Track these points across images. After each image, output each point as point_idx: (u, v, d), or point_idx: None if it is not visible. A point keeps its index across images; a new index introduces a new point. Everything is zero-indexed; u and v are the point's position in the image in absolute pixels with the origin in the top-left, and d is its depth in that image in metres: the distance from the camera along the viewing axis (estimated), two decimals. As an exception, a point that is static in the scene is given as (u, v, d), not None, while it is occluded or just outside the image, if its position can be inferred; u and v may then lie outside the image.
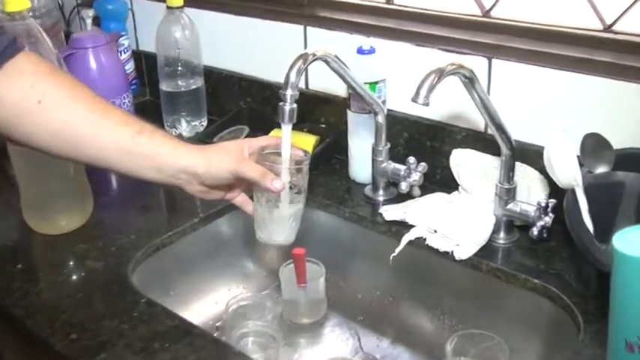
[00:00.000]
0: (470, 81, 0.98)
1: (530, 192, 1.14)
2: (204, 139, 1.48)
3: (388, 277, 1.22)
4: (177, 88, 1.53)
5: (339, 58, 1.09)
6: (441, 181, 1.28)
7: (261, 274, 1.35)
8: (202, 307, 1.27)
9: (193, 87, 1.54)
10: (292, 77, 1.02)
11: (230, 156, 1.01)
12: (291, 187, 1.03)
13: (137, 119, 1.00)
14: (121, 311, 1.01)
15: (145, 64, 1.74)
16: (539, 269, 1.06)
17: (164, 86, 1.54)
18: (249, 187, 1.06)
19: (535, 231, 1.07)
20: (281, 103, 1.01)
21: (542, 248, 1.10)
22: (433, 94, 0.95)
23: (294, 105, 1.02)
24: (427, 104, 0.93)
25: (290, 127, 1.03)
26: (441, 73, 0.95)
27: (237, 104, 1.59)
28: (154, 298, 1.17)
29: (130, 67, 1.71)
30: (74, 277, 1.11)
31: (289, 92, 1.01)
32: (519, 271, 1.06)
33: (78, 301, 1.04)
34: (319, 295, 1.22)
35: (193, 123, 1.56)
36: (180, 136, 1.56)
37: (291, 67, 1.02)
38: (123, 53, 1.68)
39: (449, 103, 1.22)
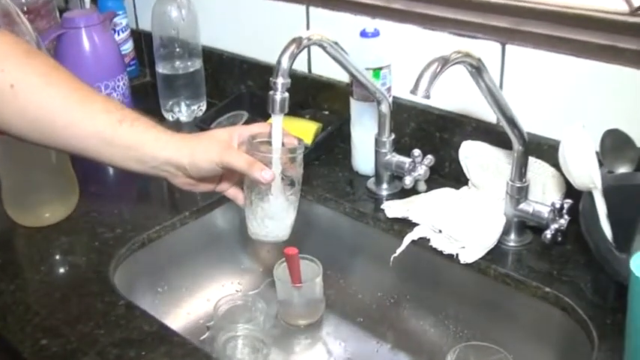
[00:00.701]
0: (477, 71, 0.89)
1: (545, 190, 1.05)
2: (201, 124, 1.40)
3: (390, 277, 1.14)
4: (175, 71, 1.45)
5: (337, 44, 1.00)
6: (450, 174, 1.20)
7: (257, 269, 1.27)
8: (193, 305, 1.20)
9: (191, 69, 1.46)
10: (284, 63, 0.93)
11: (216, 146, 0.94)
12: (283, 179, 0.95)
13: (119, 106, 0.94)
14: (98, 314, 0.95)
15: (145, 44, 1.66)
16: (552, 276, 0.97)
17: (160, 68, 1.46)
18: (242, 178, 0.99)
19: (548, 234, 0.98)
20: (271, 92, 0.93)
21: (557, 252, 1.01)
22: (437, 85, 0.86)
23: (286, 94, 0.93)
24: (428, 97, 0.84)
25: (281, 118, 0.95)
26: (444, 63, 0.85)
27: (239, 88, 1.51)
28: (141, 295, 1.12)
29: (128, 47, 1.63)
30: (53, 275, 1.04)
31: (280, 80, 0.93)
32: (530, 277, 0.97)
33: (54, 302, 0.97)
34: (316, 296, 1.14)
35: (192, 107, 1.48)
36: (177, 122, 1.48)
37: (283, 52, 0.93)
38: (121, 33, 1.60)
39: (459, 91, 1.12)
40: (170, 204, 1.18)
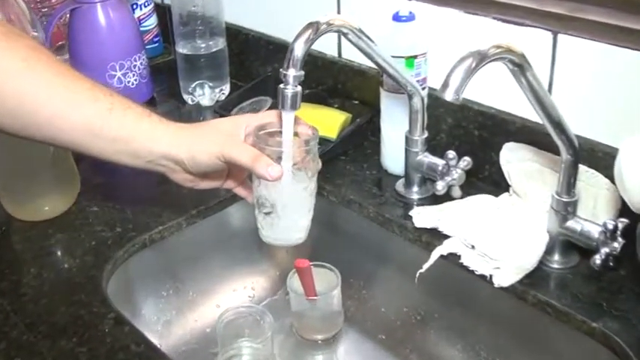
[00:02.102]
0: (520, 69, 0.75)
1: (597, 205, 0.91)
2: (220, 111, 1.28)
3: (417, 291, 1.02)
4: (196, 51, 1.34)
5: (362, 31, 0.87)
6: (489, 178, 1.06)
7: (273, 273, 1.16)
8: (200, 310, 1.10)
9: (214, 49, 1.34)
10: (297, 51, 0.80)
11: (218, 137, 0.84)
12: (294, 175, 0.84)
13: (108, 91, 0.83)
14: (84, 327, 0.85)
15: (170, 20, 1.54)
16: (601, 308, 0.83)
17: (180, 48, 1.35)
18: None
19: (598, 259, 0.84)
20: (281, 85, 0.81)
21: (607, 280, 0.87)
22: (475, 77, 0.72)
23: (298, 88, 0.81)
24: (458, 100, 0.71)
25: (293, 115, 0.83)
26: (480, 59, 0.72)
27: (265, 70, 1.39)
28: (143, 298, 1.04)
29: (151, 23, 1.53)
30: (41, 279, 0.94)
31: (292, 72, 0.80)
32: (574, 308, 0.84)
33: (38, 310, 0.88)
34: (333, 308, 1.03)
35: (215, 90, 1.37)
36: (198, 105, 1.37)
37: (297, 38, 0.81)
38: (143, 7, 1.50)
39: (503, 84, 0.97)
40: (177, 201, 1.07)
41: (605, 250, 0.84)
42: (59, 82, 0.80)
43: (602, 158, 0.92)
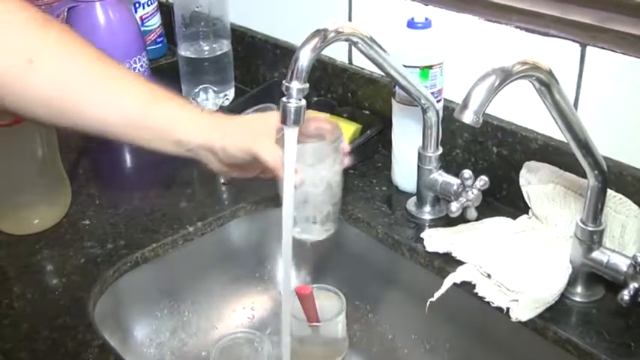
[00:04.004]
0: (546, 88, 0.68)
1: (624, 234, 0.84)
2: (223, 117, 1.22)
3: (427, 318, 0.94)
4: (199, 54, 1.27)
5: (373, 40, 0.80)
6: (508, 198, 0.99)
7: (274, 292, 1.09)
8: (197, 332, 1.03)
9: (219, 52, 1.28)
10: (303, 62, 0.73)
11: (249, 133, 0.85)
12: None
13: (148, 83, 0.85)
14: (65, 356, 0.79)
15: (174, 19, 1.48)
16: (629, 350, 0.76)
17: (183, 50, 1.28)
18: None
19: (626, 295, 0.77)
20: (284, 99, 0.74)
21: (636, 316, 0.80)
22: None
23: (303, 102, 0.74)
24: (478, 123, 0.64)
25: (296, 131, 0.76)
26: (504, 77, 0.65)
27: (271, 75, 1.32)
28: (135, 319, 0.98)
29: (154, 22, 1.46)
30: (24, 300, 0.88)
31: (295, 85, 0.73)
32: (600, 348, 0.77)
33: (18, 337, 0.82)
34: (337, 335, 0.96)
35: (219, 94, 1.30)
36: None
37: (302, 46, 0.74)
38: (146, 6, 1.43)
39: (524, 98, 0.90)
40: (174, 216, 1.01)
41: (634, 285, 0.76)
42: (99, 73, 0.81)
43: (631, 183, 0.85)
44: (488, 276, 0.85)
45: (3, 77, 0.77)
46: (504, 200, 0.99)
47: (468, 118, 0.64)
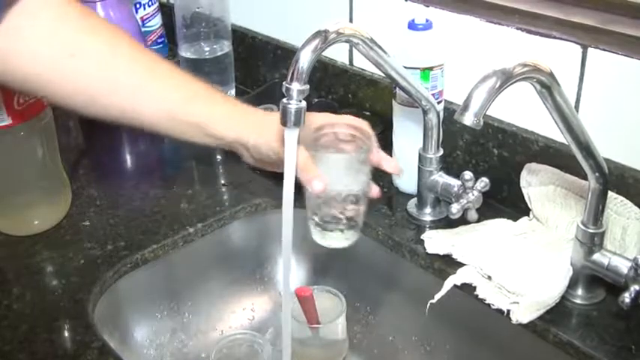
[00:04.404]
0: (547, 90, 0.68)
1: (625, 236, 0.83)
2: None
3: (428, 320, 0.94)
4: (200, 55, 1.27)
5: (373, 41, 0.80)
6: (508, 200, 0.99)
7: (275, 294, 1.09)
8: (197, 334, 1.03)
9: (219, 53, 1.27)
10: (303, 63, 0.73)
11: (280, 132, 0.83)
12: None
13: (187, 77, 0.88)
14: (65, 358, 0.79)
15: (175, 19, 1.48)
16: (630, 353, 0.76)
17: (183, 51, 1.28)
18: None
19: (627, 298, 0.76)
20: (284, 100, 0.74)
21: (637, 319, 0.80)
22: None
23: (303, 104, 0.74)
24: (478, 125, 0.64)
25: (296, 133, 0.76)
26: (505, 79, 0.65)
27: (272, 76, 1.32)
28: (135, 321, 0.98)
29: (155, 23, 1.46)
30: (24, 301, 0.88)
31: (296, 86, 0.73)
32: (600, 351, 0.77)
33: (17, 338, 0.82)
34: (337, 337, 0.96)
35: (220, 96, 1.30)
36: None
37: (303, 47, 0.73)
38: (147, 7, 1.43)
39: (525, 99, 0.90)
40: (174, 217, 1.00)
41: (635, 287, 0.76)
42: (141, 69, 0.82)
43: (632, 185, 0.85)
44: (489, 278, 0.85)
45: (45, 68, 0.78)
46: (505, 202, 0.99)
47: (468, 120, 0.64)
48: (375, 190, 0.86)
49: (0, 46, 0.76)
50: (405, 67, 0.90)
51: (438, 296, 0.87)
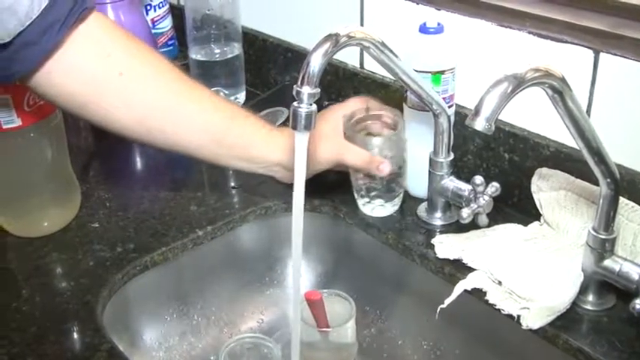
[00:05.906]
0: (559, 95, 0.68)
1: (636, 242, 0.83)
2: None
3: (437, 325, 0.94)
4: (210, 57, 1.27)
5: (384, 45, 0.80)
6: (519, 205, 0.98)
7: (284, 297, 1.09)
8: (206, 337, 1.03)
9: (230, 55, 1.28)
10: (314, 66, 0.73)
11: (329, 143, 0.93)
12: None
13: (227, 101, 0.93)
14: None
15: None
16: (640, 359, 0.76)
17: (194, 53, 1.28)
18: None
19: (638, 304, 0.76)
20: (295, 104, 0.74)
21: (648, 325, 0.79)
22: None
23: (313, 107, 0.74)
24: (490, 130, 0.64)
25: (307, 136, 0.75)
26: (517, 84, 0.64)
27: (283, 78, 1.32)
28: (144, 323, 0.98)
29: (166, 25, 1.46)
30: (33, 303, 0.88)
31: (307, 90, 0.73)
32: (610, 357, 0.76)
33: (26, 340, 0.82)
34: (347, 340, 0.95)
35: (230, 98, 1.30)
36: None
37: (314, 50, 0.73)
38: (157, 9, 1.43)
39: (538, 105, 0.89)
40: (183, 220, 1.00)
41: (647, 294, 0.76)
42: (183, 91, 0.86)
43: (645, 191, 0.84)
44: (499, 283, 0.85)
45: (92, 86, 0.82)
46: (516, 207, 0.98)
47: (479, 125, 0.63)
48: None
49: (53, 66, 0.79)
50: (416, 71, 0.90)
51: (448, 301, 0.86)
